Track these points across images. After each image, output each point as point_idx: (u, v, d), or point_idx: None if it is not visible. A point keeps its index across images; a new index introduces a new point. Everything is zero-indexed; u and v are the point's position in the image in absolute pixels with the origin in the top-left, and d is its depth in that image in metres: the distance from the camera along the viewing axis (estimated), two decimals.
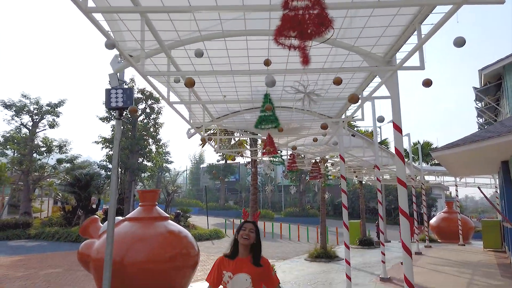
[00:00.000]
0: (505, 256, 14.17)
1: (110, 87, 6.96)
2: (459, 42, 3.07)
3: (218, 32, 3.97)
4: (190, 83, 2.94)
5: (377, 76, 4.71)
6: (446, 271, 10.99)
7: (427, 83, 3.29)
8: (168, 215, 8.54)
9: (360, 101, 5.19)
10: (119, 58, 4.47)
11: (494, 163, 12.27)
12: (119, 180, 26.17)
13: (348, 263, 7.16)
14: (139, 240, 7.41)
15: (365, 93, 5.04)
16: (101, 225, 8.23)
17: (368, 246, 17.41)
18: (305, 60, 1.83)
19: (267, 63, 3.20)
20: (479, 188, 5.60)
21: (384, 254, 9.83)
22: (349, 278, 7.05)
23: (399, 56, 4.05)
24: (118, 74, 7.09)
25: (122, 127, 27.82)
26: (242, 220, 3.18)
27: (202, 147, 14.36)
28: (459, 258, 13.83)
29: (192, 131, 8.32)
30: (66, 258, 13.81)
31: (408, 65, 3.73)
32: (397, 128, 4.34)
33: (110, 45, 2.90)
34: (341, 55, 3.97)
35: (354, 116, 6.37)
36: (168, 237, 7.74)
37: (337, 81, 2.90)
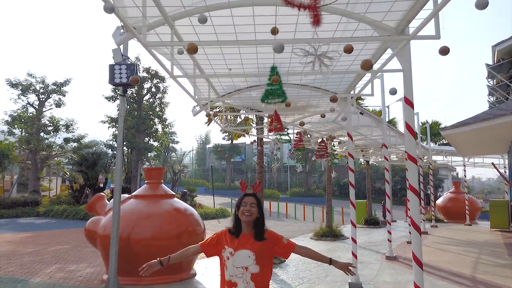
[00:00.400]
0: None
1: (113, 63, 6.86)
2: (482, 4, 2.88)
3: (224, 3, 3.80)
4: (193, 49, 2.82)
5: (388, 49, 4.53)
6: (452, 250, 10.96)
7: (444, 50, 3.12)
8: (174, 193, 8.52)
9: (370, 74, 5.02)
10: (122, 30, 4.32)
11: (504, 142, 12.05)
12: (126, 159, 26.31)
13: (354, 241, 7.12)
14: (145, 217, 7.42)
15: (375, 67, 4.85)
16: (107, 202, 8.25)
17: (373, 226, 17.44)
18: (316, 20, 1.70)
19: (274, 31, 3.04)
20: (493, 164, 5.46)
21: (390, 233, 9.80)
22: (355, 256, 7.03)
23: (413, 26, 3.86)
24: (121, 49, 6.95)
25: (127, 106, 27.84)
26: (241, 194, 2.82)
27: (208, 125, 14.31)
28: (465, 238, 13.79)
29: (197, 108, 8.20)
30: (74, 235, 14.00)
31: (422, 34, 3.54)
32: (409, 103, 4.18)
33: (108, 9, 2.76)
34: (352, 23, 3.78)
35: (363, 92, 6.18)
36: (174, 214, 7.74)
37: (348, 49, 2.74)
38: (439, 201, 21.62)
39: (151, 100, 28.03)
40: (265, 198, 10.44)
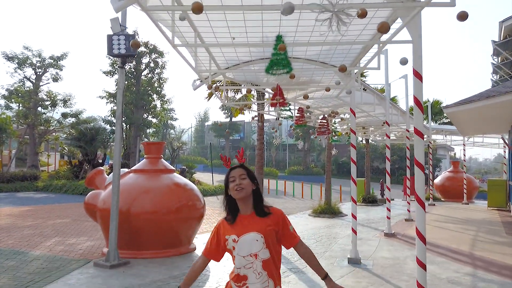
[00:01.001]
0: (509, 215, 14.21)
1: (112, 33, 6.66)
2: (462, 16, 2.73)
3: None
4: (198, 8, 2.66)
5: (398, 20, 4.35)
6: (450, 228, 11.04)
7: (462, 16, 2.98)
8: (173, 168, 8.46)
9: (377, 47, 4.85)
10: None
11: (506, 121, 11.96)
12: (124, 135, 26.17)
13: (354, 217, 7.12)
14: (145, 191, 7.38)
15: (384, 38, 4.68)
16: (106, 176, 8.19)
17: (371, 204, 17.55)
18: None
19: None
20: (502, 138, 5.36)
21: (389, 210, 9.83)
22: (355, 232, 7.03)
23: None
24: (120, 18, 6.73)
25: (125, 82, 27.44)
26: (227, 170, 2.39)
27: (208, 100, 14.08)
28: (463, 216, 13.89)
29: (198, 82, 8.03)
30: (73, 209, 14.02)
31: (437, 1, 3.37)
32: (417, 75, 4.05)
33: None
34: None
35: (369, 66, 6.01)
36: (174, 189, 7.70)
37: (363, 13, 2.59)
38: (437, 180, 21.71)
39: (149, 75, 27.65)
40: (264, 176, 10.36)
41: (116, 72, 25.99)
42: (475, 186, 21.02)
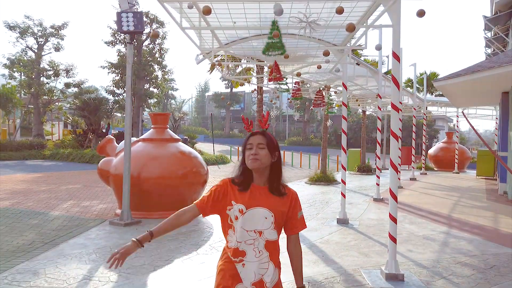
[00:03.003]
0: (494, 183, 15.00)
1: (121, 10, 7.13)
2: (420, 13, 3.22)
3: None
4: (207, 11, 3.17)
5: (380, 6, 4.85)
6: (436, 194, 11.82)
7: (421, 13, 3.49)
8: (179, 137, 9.11)
9: (364, 29, 5.36)
10: None
11: (496, 94, 12.51)
12: None
13: (343, 182, 7.82)
14: (153, 158, 8.06)
15: (369, 21, 5.19)
16: (117, 145, 8.85)
17: (366, 173, 18.32)
18: None
19: None
20: (463, 113, 5.93)
21: (378, 178, 10.56)
22: (343, 195, 7.76)
23: None
24: None
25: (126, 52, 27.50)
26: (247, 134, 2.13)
27: (210, 73, 14.64)
28: (451, 184, 14.69)
29: (201, 57, 8.54)
30: (82, 176, 14.81)
31: None
32: (396, 57, 4.61)
33: None
34: None
35: (358, 44, 6.52)
36: (179, 156, 8.37)
37: (339, 10, 3.12)
38: (431, 151, 22.44)
39: (150, 46, 27.85)
40: None
41: (117, 42, 26.19)
42: (467, 156, 21.74)
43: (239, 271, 1.98)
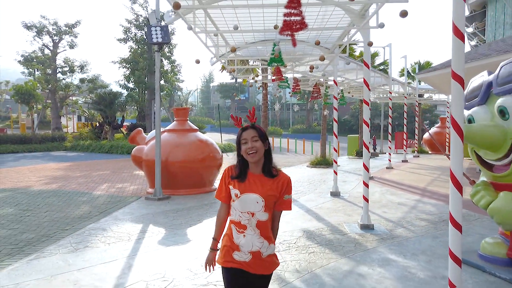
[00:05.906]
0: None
1: (151, 25, 8.73)
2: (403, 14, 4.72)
3: None
4: (233, 50, 4.70)
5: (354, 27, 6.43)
6: (421, 173, 13.43)
7: (403, 13, 4.77)
8: (197, 128, 10.76)
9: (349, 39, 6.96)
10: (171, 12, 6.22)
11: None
12: (139, 98, 28.36)
13: (335, 162, 9.45)
14: (176, 145, 9.72)
15: (345, 40, 6.75)
16: (145, 135, 10.53)
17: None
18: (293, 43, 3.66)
19: (276, 27, 4.89)
20: (423, 124, 7.42)
21: (369, 159, 12.16)
22: (335, 173, 9.40)
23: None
24: (155, 14, 8.80)
25: (137, 48, 28.94)
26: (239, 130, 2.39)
27: (221, 72, 16.54)
28: (437, 164, 16.27)
29: (214, 59, 10.15)
30: (108, 164, 16.54)
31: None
32: (366, 65, 6.20)
33: None
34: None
35: (351, 42, 8.08)
36: (198, 144, 10.03)
37: (317, 43, 4.59)
38: (426, 135, 23.94)
39: None
40: (268, 135, 12.69)
41: (129, 39, 27.72)
42: None
43: (240, 240, 2.32)
